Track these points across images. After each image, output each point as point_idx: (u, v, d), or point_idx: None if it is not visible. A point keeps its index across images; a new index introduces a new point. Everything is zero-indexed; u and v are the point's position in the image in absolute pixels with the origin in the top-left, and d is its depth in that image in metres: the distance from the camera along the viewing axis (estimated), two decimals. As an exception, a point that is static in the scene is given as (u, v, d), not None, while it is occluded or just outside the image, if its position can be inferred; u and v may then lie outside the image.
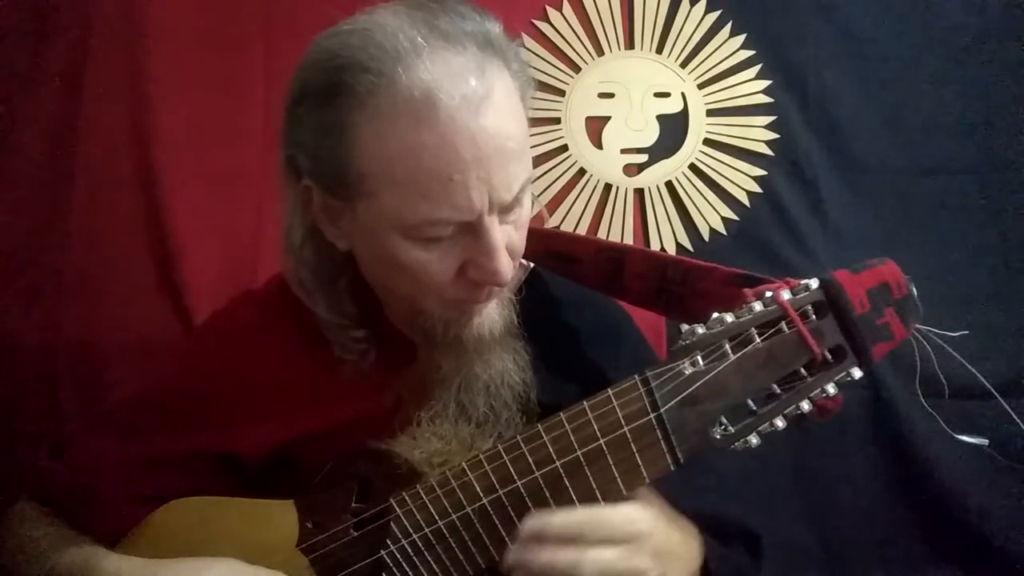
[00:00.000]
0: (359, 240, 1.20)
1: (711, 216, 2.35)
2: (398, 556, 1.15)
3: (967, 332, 1.11)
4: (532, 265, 1.37)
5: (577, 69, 2.35)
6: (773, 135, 2.34)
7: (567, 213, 2.34)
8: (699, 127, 2.35)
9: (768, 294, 1.06)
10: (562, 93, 2.34)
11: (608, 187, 2.35)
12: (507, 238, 1.15)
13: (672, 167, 2.35)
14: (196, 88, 2.16)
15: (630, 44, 2.36)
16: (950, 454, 2.19)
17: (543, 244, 1.34)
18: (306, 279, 1.27)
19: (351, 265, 1.27)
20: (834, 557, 2.24)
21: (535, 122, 2.30)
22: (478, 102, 1.06)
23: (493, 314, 1.24)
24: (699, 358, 1.06)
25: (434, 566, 1.14)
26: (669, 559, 1.10)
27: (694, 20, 2.34)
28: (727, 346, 1.05)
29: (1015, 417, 1.35)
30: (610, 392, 1.08)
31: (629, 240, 2.33)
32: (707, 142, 2.35)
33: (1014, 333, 2.25)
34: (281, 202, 1.27)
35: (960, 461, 2.18)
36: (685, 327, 1.08)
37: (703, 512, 1.21)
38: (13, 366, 2.09)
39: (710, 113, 2.36)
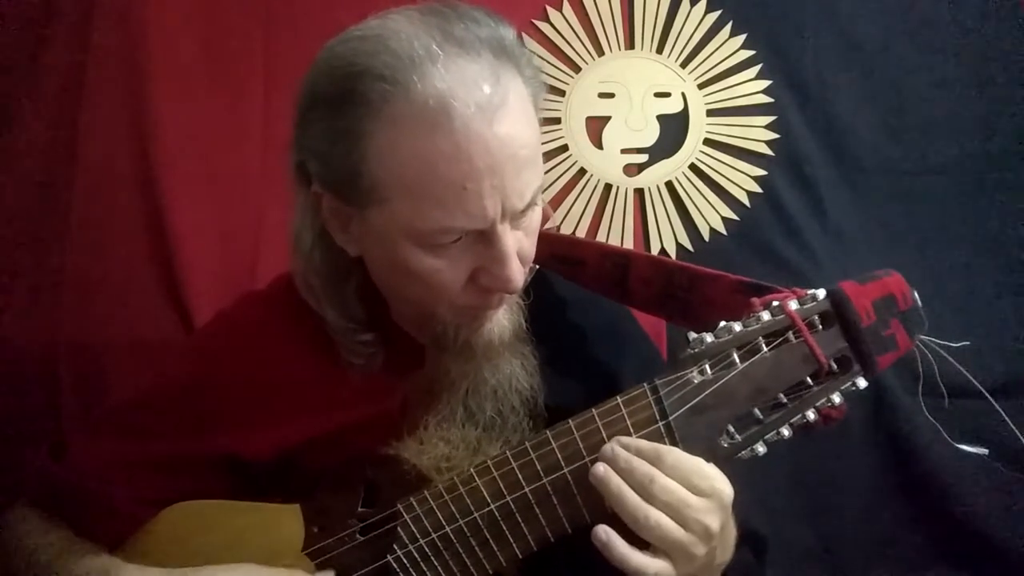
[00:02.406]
0: (369, 246, 1.20)
1: (711, 216, 2.35)
2: (405, 561, 1.15)
3: (968, 343, 1.12)
4: (537, 267, 1.36)
5: (577, 69, 2.34)
6: (773, 135, 2.34)
7: (567, 213, 2.33)
8: (699, 127, 2.35)
9: (776, 304, 1.07)
10: (562, 93, 2.33)
11: (608, 187, 2.35)
12: (518, 244, 1.15)
13: (672, 167, 2.35)
14: (196, 88, 2.16)
15: (630, 44, 2.35)
16: (951, 456, 2.19)
17: (548, 247, 1.33)
18: (315, 283, 1.27)
19: (360, 269, 1.27)
20: (835, 557, 2.25)
21: (535, 122, 2.29)
22: (493, 110, 1.05)
23: (503, 320, 1.24)
24: (707, 367, 1.07)
25: (441, 572, 1.15)
26: (725, 538, 1.13)
27: (694, 20, 2.33)
28: (735, 355, 1.06)
29: (1011, 424, 1.35)
30: (619, 400, 1.09)
31: (629, 240, 2.33)
32: (707, 142, 2.35)
33: (1014, 334, 2.27)
34: (289, 206, 1.27)
35: (961, 463, 2.19)
36: (693, 335, 1.08)
37: None
38: (13, 366, 2.08)
39: (710, 113, 2.35)
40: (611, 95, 2.35)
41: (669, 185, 2.35)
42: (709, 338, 1.07)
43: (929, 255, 2.31)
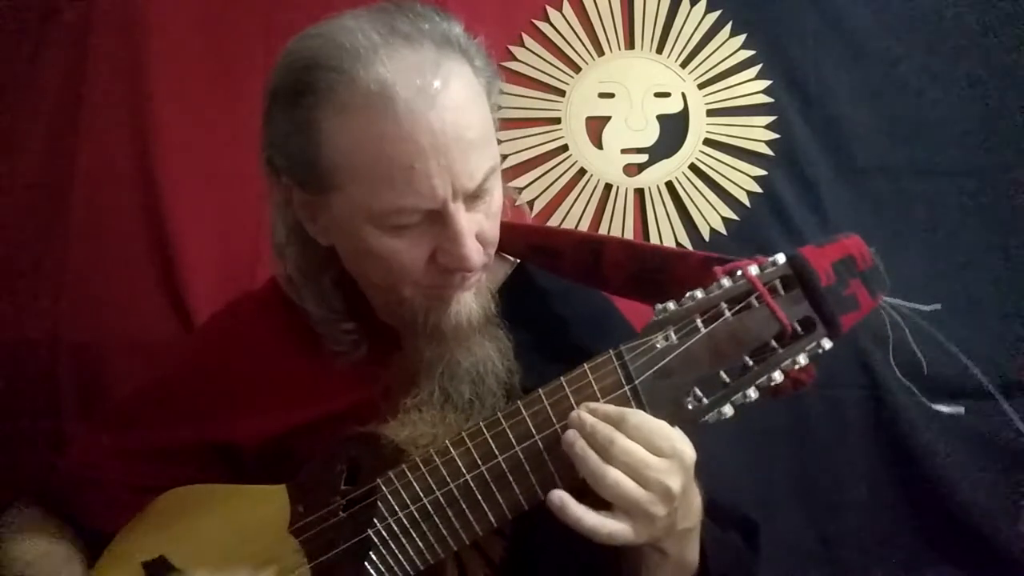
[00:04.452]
0: (336, 234, 1.24)
1: (711, 216, 2.35)
2: (384, 534, 1.16)
3: (939, 306, 1.12)
4: (518, 261, 1.41)
5: (577, 69, 2.35)
6: (773, 135, 2.34)
7: (567, 213, 2.34)
8: (699, 127, 2.35)
9: (738, 271, 1.08)
10: (562, 93, 2.35)
11: (608, 187, 2.35)
12: (477, 226, 1.19)
13: (672, 167, 2.35)
14: (196, 88, 2.18)
15: (630, 44, 2.36)
16: (951, 455, 2.19)
17: (524, 239, 1.38)
18: (293, 276, 1.31)
19: (335, 260, 1.30)
20: (834, 556, 2.25)
21: (535, 122, 2.33)
22: (434, 94, 1.10)
23: (470, 303, 1.26)
24: (671, 332, 1.08)
25: (419, 543, 1.15)
26: (687, 502, 1.12)
27: (694, 20, 2.34)
28: (698, 320, 1.07)
29: (1014, 416, 1.34)
30: (586, 367, 1.10)
31: (630, 240, 2.33)
32: (707, 142, 2.35)
33: (1013, 333, 2.25)
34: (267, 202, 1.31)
35: (961, 462, 2.19)
36: (658, 305, 1.10)
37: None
38: (13, 366, 2.10)
39: (710, 113, 2.36)
40: (611, 95, 2.36)
41: (669, 185, 2.35)
42: (672, 305, 1.08)
43: (929, 255, 2.30)
